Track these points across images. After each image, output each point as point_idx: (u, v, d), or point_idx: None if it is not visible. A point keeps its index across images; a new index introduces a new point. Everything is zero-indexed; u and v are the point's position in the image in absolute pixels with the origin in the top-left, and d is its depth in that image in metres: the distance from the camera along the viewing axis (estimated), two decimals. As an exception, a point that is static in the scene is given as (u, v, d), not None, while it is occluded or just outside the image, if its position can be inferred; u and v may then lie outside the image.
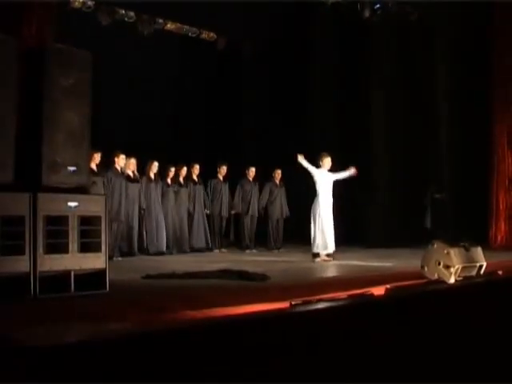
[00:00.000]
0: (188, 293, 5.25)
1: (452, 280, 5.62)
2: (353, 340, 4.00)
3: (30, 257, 4.49)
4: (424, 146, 12.05)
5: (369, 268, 7.45)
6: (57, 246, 4.67)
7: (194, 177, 10.41)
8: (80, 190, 4.97)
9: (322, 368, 3.66)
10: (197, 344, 3.25)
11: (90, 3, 10.50)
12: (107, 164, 9.05)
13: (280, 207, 10.91)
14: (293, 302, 4.20)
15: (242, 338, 3.49)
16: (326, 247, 8.63)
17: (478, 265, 5.96)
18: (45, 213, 4.60)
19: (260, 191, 10.90)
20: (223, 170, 10.59)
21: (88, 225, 4.85)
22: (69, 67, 4.91)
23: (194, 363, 3.15)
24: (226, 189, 10.70)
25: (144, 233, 9.59)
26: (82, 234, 4.80)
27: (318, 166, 8.99)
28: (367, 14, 11.06)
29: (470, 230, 9.44)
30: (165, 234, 9.75)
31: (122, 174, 9.21)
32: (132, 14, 11.18)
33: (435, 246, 5.81)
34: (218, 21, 11.78)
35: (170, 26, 11.85)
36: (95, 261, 4.86)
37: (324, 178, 8.87)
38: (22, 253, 4.46)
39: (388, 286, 5.11)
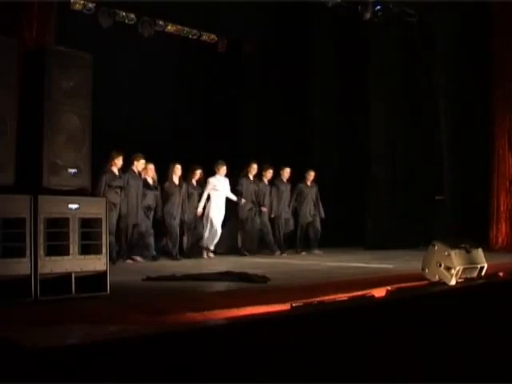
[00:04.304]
0: (188, 295, 5.25)
1: (453, 282, 5.62)
2: (353, 342, 3.99)
3: (31, 259, 4.49)
4: (424, 147, 12.06)
5: (369, 270, 7.44)
6: (57, 248, 4.67)
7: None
8: (80, 191, 4.98)
9: (322, 369, 3.66)
10: (197, 346, 3.25)
11: (90, 5, 10.51)
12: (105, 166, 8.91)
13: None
14: (293, 304, 4.20)
15: (243, 340, 3.48)
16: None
17: (478, 266, 5.95)
18: (45, 215, 4.59)
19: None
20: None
21: (89, 227, 4.85)
22: (69, 69, 4.92)
23: (194, 365, 3.15)
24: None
25: (166, 237, 9.41)
26: (83, 236, 4.80)
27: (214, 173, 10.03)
28: (368, 16, 11.07)
29: (470, 231, 9.43)
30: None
31: (140, 176, 8.96)
32: (132, 15, 11.19)
33: (436, 247, 5.80)
34: (218, 22, 11.79)
35: (170, 27, 11.86)
36: (96, 263, 4.86)
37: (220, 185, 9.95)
38: (23, 255, 4.46)
39: (389, 288, 5.11)
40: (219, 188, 9.97)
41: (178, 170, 9.44)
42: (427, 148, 12.05)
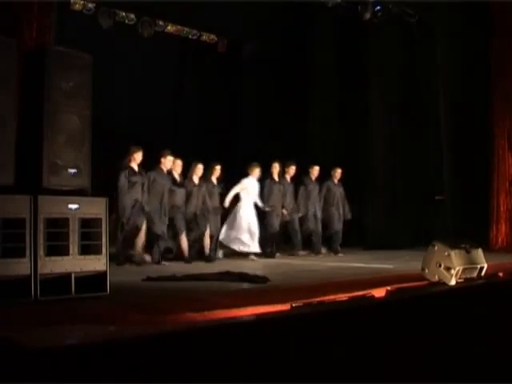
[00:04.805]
0: (188, 295, 5.25)
1: (453, 282, 5.62)
2: (354, 342, 3.99)
3: (31, 259, 4.49)
4: (424, 147, 12.07)
5: (369, 270, 7.45)
6: (57, 248, 4.67)
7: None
8: (80, 191, 4.98)
9: (322, 369, 3.66)
10: (197, 346, 3.25)
11: (90, 5, 10.52)
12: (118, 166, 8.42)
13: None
14: (293, 304, 4.20)
15: (243, 340, 3.48)
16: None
17: (478, 266, 5.95)
18: (45, 215, 4.60)
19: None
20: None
21: (89, 227, 4.85)
22: (69, 69, 4.92)
23: (195, 365, 3.15)
24: None
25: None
26: (83, 237, 4.80)
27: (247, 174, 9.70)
28: (368, 16, 11.08)
29: (470, 231, 9.44)
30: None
31: (168, 175, 8.63)
32: (132, 16, 11.21)
33: (436, 247, 5.81)
34: (218, 22, 11.80)
35: (170, 27, 11.88)
36: (96, 263, 4.86)
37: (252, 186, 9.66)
38: (23, 255, 4.46)
39: (389, 288, 5.12)
40: (251, 191, 9.59)
41: (199, 170, 9.07)
42: (427, 148, 12.05)
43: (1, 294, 4.23)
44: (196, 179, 9.11)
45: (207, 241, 9.08)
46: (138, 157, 8.24)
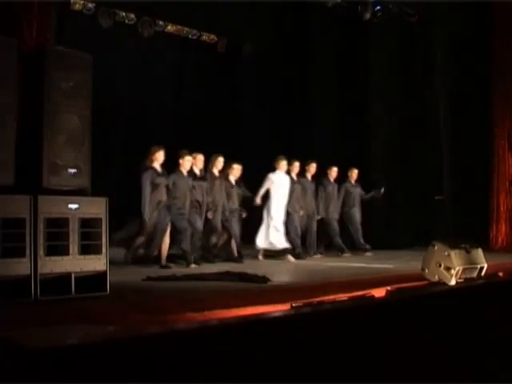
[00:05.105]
0: (188, 295, 5.25)
1: (453, 282, 5.62)
2: (354, 342, 3.99)
3: (31, 259, 4.49)
4: (424, 147, 12.07)
5: (369, 270, 7.45)
6: (57, 248, 4.67)
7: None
8: (80, 191, 4.98)
9: (322, 369, 3.66)
10: (197, 346, 3.24)
11: (90, 5, 10.52)
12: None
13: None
14: (293, 304, 4.20)
15: (243, 340, 3.48)
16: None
17: (478, 266, 5.96)
18: (45, 215, 4.60)
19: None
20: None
21: (89, 227, 4.86)
22: (69, 69, 4.93)
23: (194, 365, 3.15)
24: None
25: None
26: (83, 236, 4.81)
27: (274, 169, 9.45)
28: (368, 16, 11.08)
29: (470, 231, 9.44)
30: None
31: (189, 176, 8.30)
32: (132, 16, 11.21)
33: (436, 247, 5.81)
34: (218, 22, 11.80)
35: (170, 27, 11.88)
36: (96, 263, 4.86)
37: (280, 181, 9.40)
38: (23, 255, 4.47)
39: (389, 288, 5.12)
40: (280, 185, 9.31)
41: (219, 163, 8.79)
42: (427, 148, 12.05)
43: (1, 294, 4.24)
44: (216, 172, 8.84)
45: (213, 241, 8.95)
46: (159, 156, 8.00)
